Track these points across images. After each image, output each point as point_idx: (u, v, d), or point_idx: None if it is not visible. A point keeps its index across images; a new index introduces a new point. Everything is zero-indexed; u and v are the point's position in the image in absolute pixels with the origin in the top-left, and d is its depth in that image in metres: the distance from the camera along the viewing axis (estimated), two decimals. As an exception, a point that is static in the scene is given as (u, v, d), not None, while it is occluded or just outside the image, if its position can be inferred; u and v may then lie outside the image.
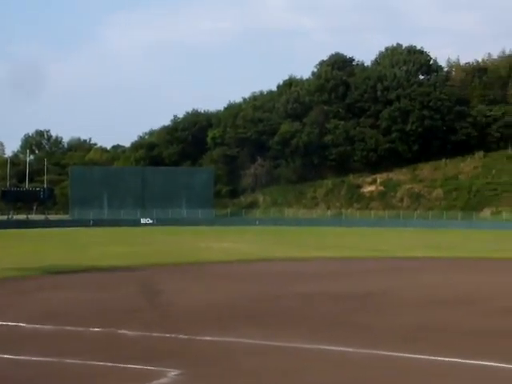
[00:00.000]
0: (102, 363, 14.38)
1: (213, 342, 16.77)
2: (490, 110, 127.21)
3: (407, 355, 15.23)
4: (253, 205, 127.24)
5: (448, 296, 25.71)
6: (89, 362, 14.44)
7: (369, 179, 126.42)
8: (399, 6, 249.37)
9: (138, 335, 17.62)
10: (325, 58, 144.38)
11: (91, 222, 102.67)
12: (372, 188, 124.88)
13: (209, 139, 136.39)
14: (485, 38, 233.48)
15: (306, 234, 79.58)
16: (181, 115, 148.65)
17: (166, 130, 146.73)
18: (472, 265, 40.44)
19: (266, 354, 15.48)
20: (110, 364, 14.28)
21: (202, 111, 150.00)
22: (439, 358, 14.93)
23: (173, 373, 13.41)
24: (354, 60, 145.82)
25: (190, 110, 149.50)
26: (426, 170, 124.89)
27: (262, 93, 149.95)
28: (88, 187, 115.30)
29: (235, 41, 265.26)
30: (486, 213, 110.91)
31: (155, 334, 17.67)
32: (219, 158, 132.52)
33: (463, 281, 31.50)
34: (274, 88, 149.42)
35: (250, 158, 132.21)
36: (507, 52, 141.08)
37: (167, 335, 17.52)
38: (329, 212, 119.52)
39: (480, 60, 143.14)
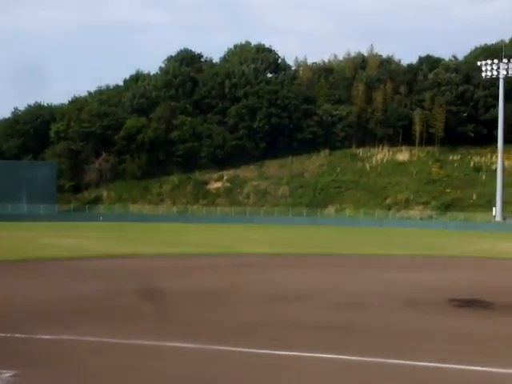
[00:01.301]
0: None
1: (52, 341, 16.23)
2: (336, 110, 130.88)
3: (248, 350, 15.26)
4: (97, 200, 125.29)
5: (291, 291, 26.04)
6: None
7: (215, 176, 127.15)
8: (249, 4, 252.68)
9: (-29, 335, 16.86)
10: (173, 54, 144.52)
11: None
12: (218, 184, 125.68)
13: (52, 133, 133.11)
14: (331, 39, 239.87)
15: (151, 230, 79.11)
16: (22, 108, 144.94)
17: (5, 122, 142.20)
18: (315, 261, 41.28)
19: (106, 352, 15.14)
20: None
21: (45, 104, 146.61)
22: (280, 353, 15.04)
23: (7, 374, 12.82)
24: (202, 56, 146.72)
25: (31, 103, 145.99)
26: (272, 167, 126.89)
27: (108, 87, 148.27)
28: None
29: (80, 33, 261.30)
30: (331, 210, 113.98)
31: (-10, 334, 16.97)
32: (63, 152, 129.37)
33: (306, 276, 32.06)
34: (121, 82, 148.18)
35: (94, 153, 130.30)
36: (352, 54, 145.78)
37: (2, 335, 16.80)
38: (174, 208, 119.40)
39: (326, 60, 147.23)
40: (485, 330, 18.86)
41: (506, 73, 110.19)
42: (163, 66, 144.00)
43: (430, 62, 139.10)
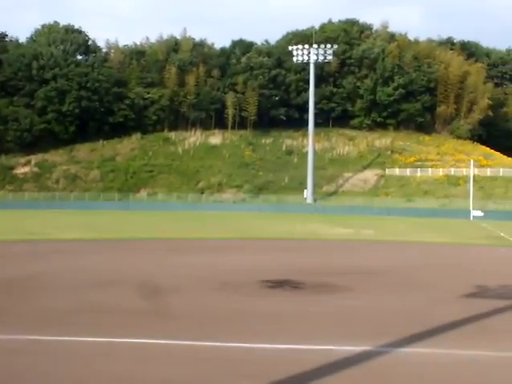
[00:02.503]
0: None
1: None
2: (148, 93, 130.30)
3: (62, 338, 14.91)
4: None
5: (106, 277, 25.64)
6: None
7: (22, 160, 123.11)
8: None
9: None
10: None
11: None
12: (26, 169, 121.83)
13: None
14: (143, 21, 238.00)
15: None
16: None
17: None
18: (130, 246, 40.87)
19: None
20: None
21: None
22: (95, 339, 14.82)
23: None
24: (7, 36, 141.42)
25: None
26: (82, 151, 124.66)
27: None
28: None
29: None
30: (143, 194, 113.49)
31: None
32: None
33: (120, 262, 31.70)
34: None
35: None
36: (165, 36, 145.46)
37: None
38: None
39: (138, 43, 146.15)
40: (294, 310, 19.32)
41: (316, 58, 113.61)
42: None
43: (242, 46, 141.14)
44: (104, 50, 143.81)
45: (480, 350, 14.41)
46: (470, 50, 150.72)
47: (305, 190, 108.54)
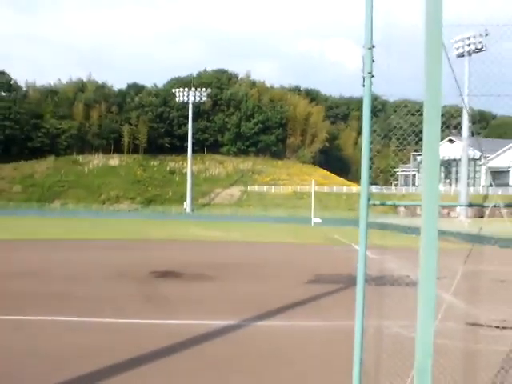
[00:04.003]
0: None
1: None
2: (60, 124, 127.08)
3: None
4: None
5: (22, 269, 25.04)
6: None
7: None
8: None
9: None
10: None
11: None
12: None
13: None
14: (56, 65, 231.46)
15: None
16: None
17: None
18: (47, 245, 39.75)
19: None
20: None
21: None
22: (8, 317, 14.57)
23: None
24: None
25: None
26: (6, 169, 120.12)
27: None
28: None
29: None
30: (57, 204, 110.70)
31: None
32: None
33: (34, 257, 30.89)
34: None
35: None
36: (74, 79, 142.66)
37: None
38: None
39: (52, 83, 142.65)
40: (178, 293, 19.52)
41: (194, 99, 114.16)
42: None
43: (136, 88, 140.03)
44: (24, 89, 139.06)
45: (315, 321, 15.03)
46: (312, 96, 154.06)
47: (185, 202, 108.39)
